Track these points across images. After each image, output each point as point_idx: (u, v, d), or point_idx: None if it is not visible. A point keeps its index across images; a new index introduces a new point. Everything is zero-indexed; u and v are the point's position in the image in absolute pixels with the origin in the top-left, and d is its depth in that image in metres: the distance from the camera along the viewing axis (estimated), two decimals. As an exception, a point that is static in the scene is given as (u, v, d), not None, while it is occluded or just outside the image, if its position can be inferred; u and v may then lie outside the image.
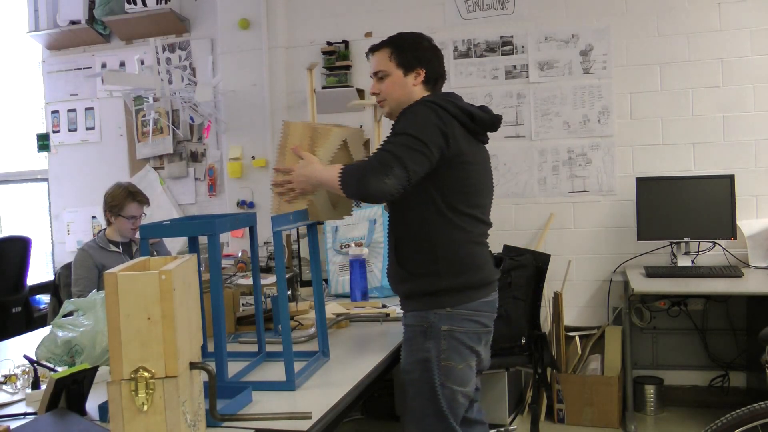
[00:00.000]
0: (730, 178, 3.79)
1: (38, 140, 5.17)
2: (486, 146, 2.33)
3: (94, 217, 5.01)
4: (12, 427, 1.59)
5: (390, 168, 2.01)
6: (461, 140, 2.14)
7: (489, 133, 2.32)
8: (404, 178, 2.03)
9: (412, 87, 2.26)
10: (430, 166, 2.08)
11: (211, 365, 1.56)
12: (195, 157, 4.89)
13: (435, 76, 2.29)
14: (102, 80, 4.82)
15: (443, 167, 2.12)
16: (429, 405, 2.15)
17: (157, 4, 4.74)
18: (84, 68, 5.08)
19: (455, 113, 2.14)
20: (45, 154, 5.22)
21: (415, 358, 2.17)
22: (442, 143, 2.09)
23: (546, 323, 4.00)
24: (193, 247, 2.14)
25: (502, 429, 3.55)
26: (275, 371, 2.11)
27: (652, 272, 3.68)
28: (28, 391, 1.97)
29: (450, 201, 2.15)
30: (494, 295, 2.27)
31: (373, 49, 2.32)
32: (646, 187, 3.88)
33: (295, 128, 2.19)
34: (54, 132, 5.16)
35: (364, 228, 3.40)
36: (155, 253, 3.56)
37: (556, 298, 3.92)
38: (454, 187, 2.15)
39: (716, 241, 3.87)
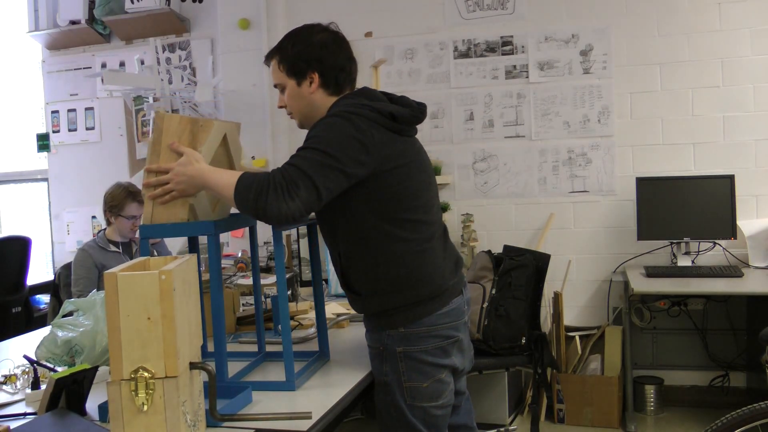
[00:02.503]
0: (730, 178, 3.79)
1: (38, 140, 5.16)
2: (417, 136, 2.10)
3: (94, 217, 5.01)
4: (12, 427, 1.59)
5: (295, 187, 1.76)
6: (385, 145, 1.90)
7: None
8: (312, 200, 1.79)
9: (311, 96, 2.00)
10: (349, 182, 1.85)
11: (211, 365, 1.56)
12: (195, 157, 4.88)
13: (334, 74, 2.00)
14: (102, 80, 4.82)
15: (371, 179, 1.88)
16: (400, 426, 1.99)
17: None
18: (84, 68, 5.07)
19: (373, 117, 1.89)
20: (45, 154, 5.22)
21: (378, 380, 2.02)
22: (363, 157, 1.85)
23: (546, 323, 4.00)
24: (193, 247, 2.14)
25: (502, 429, 3.55)
26: (275, 371, 2.11)
27: (652, 272, 3.68)
28: (28, 391, 1.96)
29: (386, 212, 1.92)
30: (456, 301, 2.02)
31: (267, 58, 2.06)
32: (646, 187, 3.88)
33: (171, 121, 1.89)
34: (54, 132, 5.16)
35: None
36: (155, 253, 3.56)
37: (556, 298, 3.92)
38: (387, 196, 1.92)
39: (716, 241, 3.87)
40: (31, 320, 4.56)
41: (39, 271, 5.26)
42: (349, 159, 1.83)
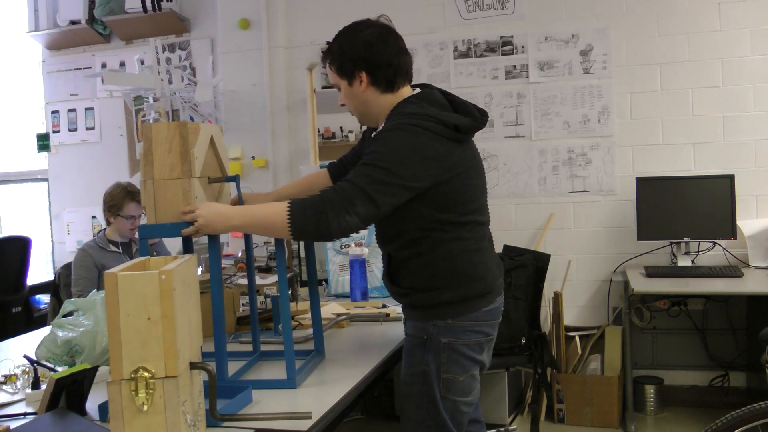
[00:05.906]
0: (730, 178, 3.79)
1: (38, 140, 5.17)
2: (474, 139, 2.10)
3: (94, 217, 5.01)
4: (12, 427, 1.59)
5: (350, 203, 1.80)
6: (447, 157, 1.91)
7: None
8: (371, 214, 1.83)
9: (363, 95, 2.00)
10: (411, 194, 1.88)
11: (211, 365, 1.56)
12: (195, 157, 4.88)
13: (382, 71, 1.97)
14: (102, 80, 4.82)
15: (434, 187, 1.91)
16: (429, 418, 2.00)
17: (154, 9, 4.71)
18: (84, 68, 5.08)
19: (438, 131, 1.89)
20: (45, 154, 5.22)
21: (415, 370, 2.02)
22: (423, 172, 1.87)
23: (546, 323, 4.00)
24: (187, 247, 2.13)
25: (502, 429, 3.54)
26: (272, 370, 2.11)
27: (652, 272, 3.68)
28: (28, 391, 1.97)
29: (444, 215, 1.96)
30: (499, 300, 2.09)
31: (323, 60, 2.09)
32: (646, 187, 3.88)
33: (159, 129, 1.89)
34: (54, 132, 5.16)
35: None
36: (155, 254, 3.56)
37: (556, 298, 3.92)
38: (446, 201, 1.95)
39: (716, 241, 3.86)
40: (31, 320, 4.56)
41: (39, 271, 5.26)
42: (409, 174, 1.85)
